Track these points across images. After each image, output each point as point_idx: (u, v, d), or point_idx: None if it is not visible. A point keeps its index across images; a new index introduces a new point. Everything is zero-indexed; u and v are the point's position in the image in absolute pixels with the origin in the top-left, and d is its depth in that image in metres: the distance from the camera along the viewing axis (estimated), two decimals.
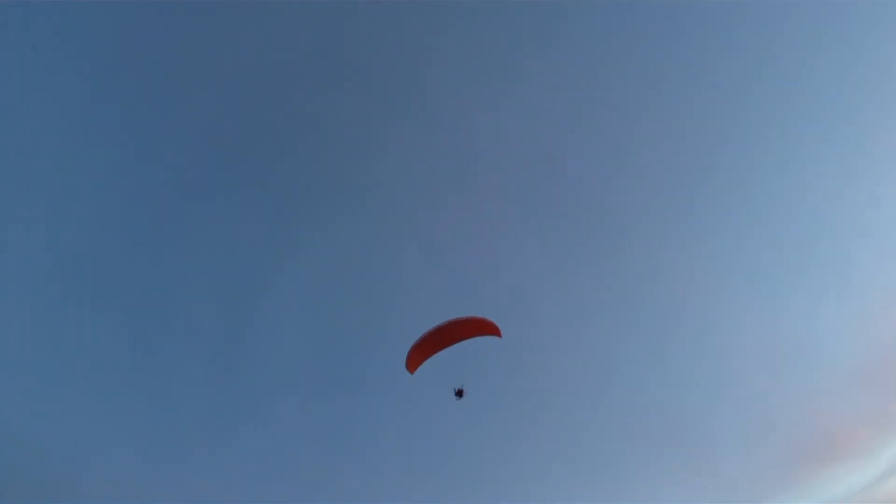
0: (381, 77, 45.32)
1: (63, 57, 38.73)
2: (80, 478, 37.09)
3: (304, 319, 45.24)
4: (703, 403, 46.12)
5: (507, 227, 47.73)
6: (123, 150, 41.64)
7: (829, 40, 45.04)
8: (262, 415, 43.34)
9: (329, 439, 43.94)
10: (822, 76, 45.98)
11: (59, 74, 38.93)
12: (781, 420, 45.68)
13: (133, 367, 41.98)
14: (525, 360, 45.67)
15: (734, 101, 47.00)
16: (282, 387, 44.21)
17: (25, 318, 38.97)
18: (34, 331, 39.32)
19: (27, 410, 37.37)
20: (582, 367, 47.96)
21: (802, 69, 45.72)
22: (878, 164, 45.88)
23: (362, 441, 44.14)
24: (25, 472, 35.52)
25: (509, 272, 47.37)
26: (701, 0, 44.84)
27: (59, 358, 39.95)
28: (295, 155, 45.56)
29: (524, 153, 47.56)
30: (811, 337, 46.94)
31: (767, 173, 48.16)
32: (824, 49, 45.35)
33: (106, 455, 38.71)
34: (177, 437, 41.16)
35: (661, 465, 44.72)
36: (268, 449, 42.75)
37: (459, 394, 25.73)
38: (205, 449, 41.55)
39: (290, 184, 45.89)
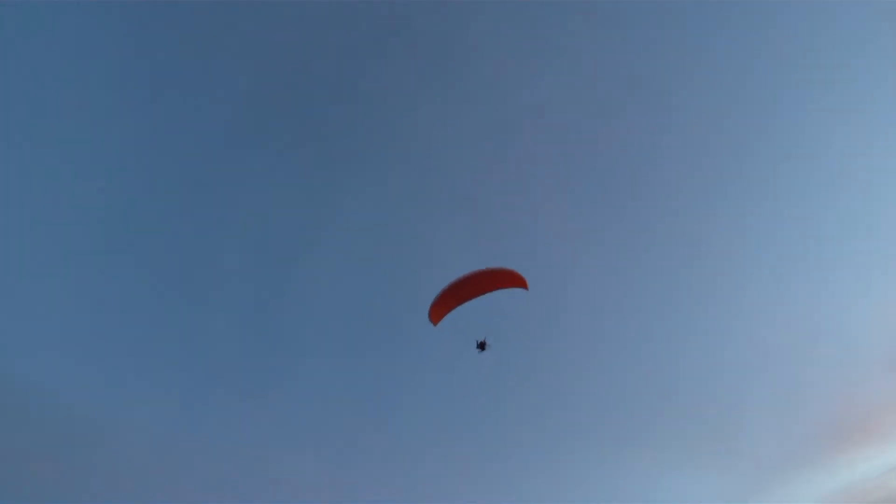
0: (423, 40, 44.57)
1: (101, 28, 38.76)
2: (111, 435, 37.63)
3: (339, 280, 45.18)
4: (734, 381, 45.46)
5: (545, 192, 47.18)
6: (163, 111, 41.67)
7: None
8: (294, 375, 43.71)
9: (360, 400, 43.97)
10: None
11: (99, 44, 39.15)
12: (812, 399, 44.82)
13: (168, 325, 42.47)
14: (557, 329, 45.79)
15: (787, 64, 45.19)
16: (315, 347, 44.33)
17: (67, 276, 39.48)
18: (73, 288, 39.75)
19: (63, 367, 37.73)
20: (613, 341, 47.67)
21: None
22: None
23: (394, 402, 44.16)
24: (57, 428, 36.01)
25: (546, 239, 46.90)
26: None
27: (97, 315, 40.49)
28: (336, 116, 45.29)
29: (564, 119, 46.68)
30: (845, 317, 45.94)
31: (809, 152, 46.55)
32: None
33: (139, 411, 39.11)
34: (210, 396, 41.44)
35: (690, 441, 44.26)
36: (299, 408, 42.97)
37: (482, 346, 24.98)
38: (237, 407, 41.79)
39: (330, 146, 45.76)
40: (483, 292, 24.13)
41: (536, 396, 45.55)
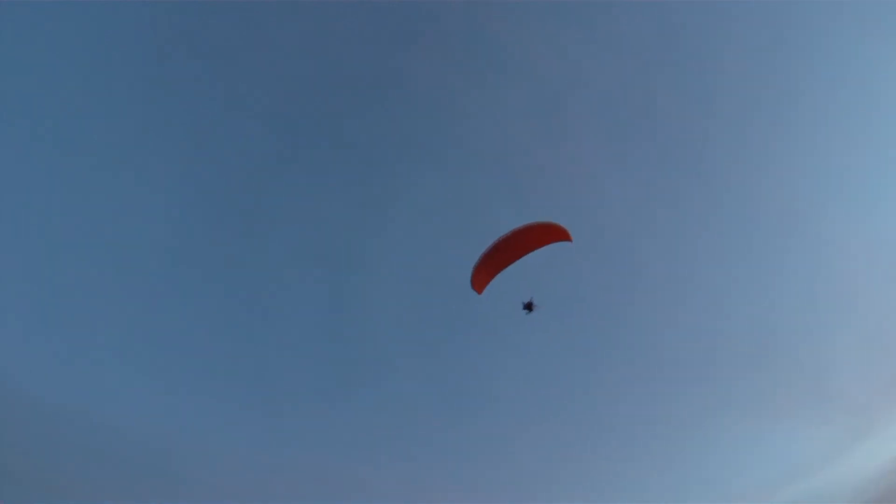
0: (454, 34, 44.05)
1: (136, 50, 40.21)
2: (203, 463, 38.06)
3: (404, 281, 44.95)
4: (819, 327, 43.11)
5: (602, 160, 45.76)
6: (204, 137, 42.76)
7: None
8: (373, 381, 43.17)
9: (442, 401, 43.36)
10: None
11: (134, 69, 40.53)
12: None
13: (244, 351, 42.81)
14: (637, 295, 44.62)
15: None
16: (390, 352, 43.94)
17: (132, 313, 40.62)
18: (142, 325, 40.71)
19: (146, 401, 38.60)
20: (692, 302, 45.90)
21: None
22: None
23: (475, 402, 43.36)
24: (148, 460, 36.68)
25: (611, 202, 45.51)
26: None
27: (169, 349, 41.19)
28: (378, 119, 45.65)
29: (608, 88, 44.98)
30: None
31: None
32: None
33: (226, 437, 39.53)
34: (294, 412, 41.54)
35: (781, 397, 42.10)
36: (381, 414, 42.35)
37: (529, 307, 23.52)
38: (322, 420, 41.74)
39: (376, 146, 45.92)
40: (526, 252, 22.71)
41: (623, 369, 44.33)
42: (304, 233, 44.44)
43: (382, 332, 43.39)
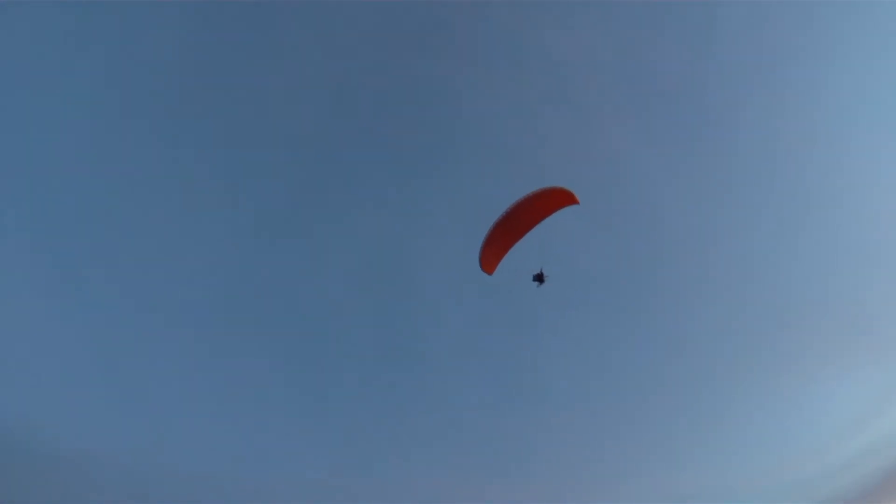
0: (466, 33, 44.06)
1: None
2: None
3: (458, 292, 43.95)
4: (855, 271, 41.87)
5: (629, 133, 44.93)
6: (240, 165, 42.41)
7: None
8: (433, 399, 42.06)
9: (505, 413, 42.32)
10: None
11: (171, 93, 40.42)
12: None
13: (302, 382, 41.93)
14: (668, 254, 44.27)
15: None
16: (448, 367, 42.97)
17: (193, 351, 40.33)
18: (205, 365, 40.28)
19: (217, 447, 37.59)
20: (724, 262, 45.14)
21: None
22: None
23: (539, 414, 42.39)
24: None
25: (638, 172, 44.77)
26: None
27: (232, 388, 40.36)
28: (406, 126, 45.02)
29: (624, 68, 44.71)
30: None
31: None
32: None
33: (298, 469, 38.20)
34: (359, 438, 40.59)
35: (825, 345, 40.50)
36: (445, 430, 41.20)
37: (539, 279, 22.48)
38: (387, 442, 40.80)
39: (413, 155, 45.37)
40: (535, 223, 21.69)
41: (660, 339, 43.62)
42: (352, 252, 43.94)
43: (438, 348, 42.59)
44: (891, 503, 34.71)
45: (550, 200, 20.83)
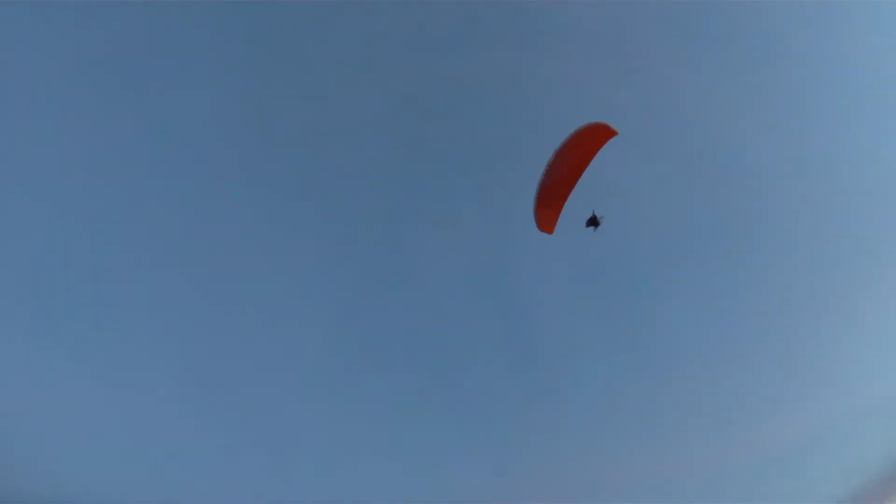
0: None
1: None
2: None
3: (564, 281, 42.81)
4: None
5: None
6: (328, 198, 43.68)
7: None
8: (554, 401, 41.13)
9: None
10: None
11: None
12: None
13: (432, 396, 41.74)
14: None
15: None
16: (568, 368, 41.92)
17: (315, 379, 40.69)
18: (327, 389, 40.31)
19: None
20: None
21: None
22: None
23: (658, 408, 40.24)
24: None
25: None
26: None
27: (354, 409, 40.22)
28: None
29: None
30: None
31: None
32: None
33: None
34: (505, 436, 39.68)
35: None
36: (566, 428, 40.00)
37: (594, 222, 20.63)
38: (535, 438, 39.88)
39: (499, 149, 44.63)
40: (583, 168, 20.08)
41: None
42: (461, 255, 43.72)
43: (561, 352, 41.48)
44: None
45: (593, 138, 19.16)
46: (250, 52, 41.66)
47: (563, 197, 20.40)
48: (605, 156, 19.52)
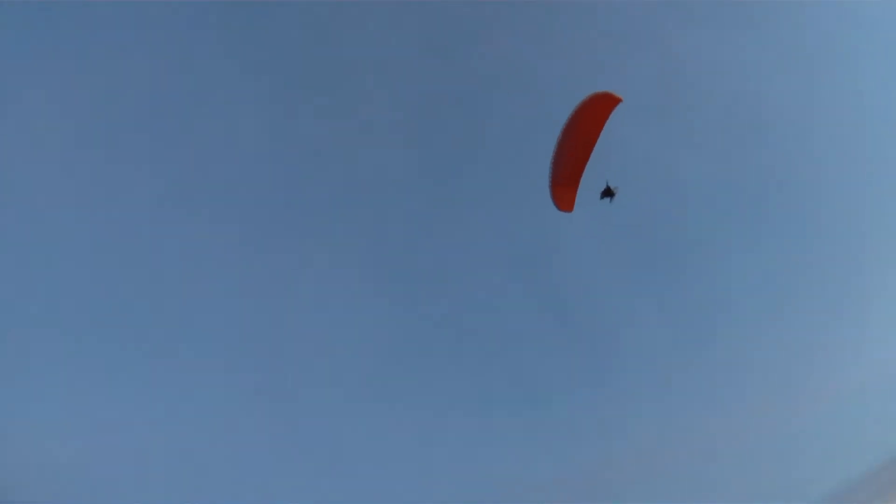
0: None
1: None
2: None
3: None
4: None
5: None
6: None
7: None
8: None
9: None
10: None
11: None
12: None
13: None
14: None
15: None
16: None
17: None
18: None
19: None
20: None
21: None
22: None
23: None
24: None
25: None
26: None
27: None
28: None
29: None
30: None
31: None
32: None
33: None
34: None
35: None
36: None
37: (609, 193, 20.31)
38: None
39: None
40: (593, 141, 19.87)
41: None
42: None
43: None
44: None
45: (599, 109, 18.92)
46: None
47: (579, 173, 20.30)
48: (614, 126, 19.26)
